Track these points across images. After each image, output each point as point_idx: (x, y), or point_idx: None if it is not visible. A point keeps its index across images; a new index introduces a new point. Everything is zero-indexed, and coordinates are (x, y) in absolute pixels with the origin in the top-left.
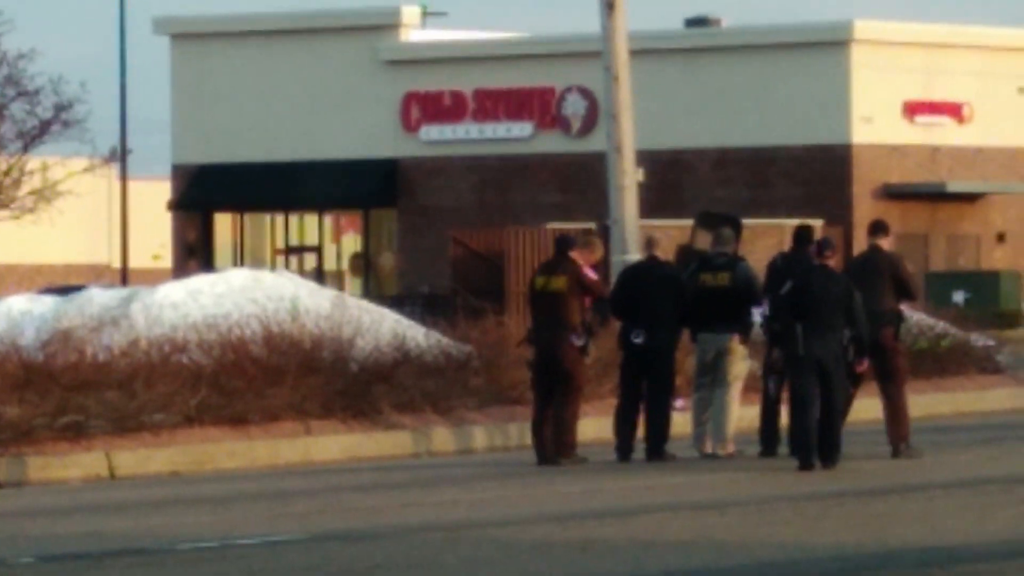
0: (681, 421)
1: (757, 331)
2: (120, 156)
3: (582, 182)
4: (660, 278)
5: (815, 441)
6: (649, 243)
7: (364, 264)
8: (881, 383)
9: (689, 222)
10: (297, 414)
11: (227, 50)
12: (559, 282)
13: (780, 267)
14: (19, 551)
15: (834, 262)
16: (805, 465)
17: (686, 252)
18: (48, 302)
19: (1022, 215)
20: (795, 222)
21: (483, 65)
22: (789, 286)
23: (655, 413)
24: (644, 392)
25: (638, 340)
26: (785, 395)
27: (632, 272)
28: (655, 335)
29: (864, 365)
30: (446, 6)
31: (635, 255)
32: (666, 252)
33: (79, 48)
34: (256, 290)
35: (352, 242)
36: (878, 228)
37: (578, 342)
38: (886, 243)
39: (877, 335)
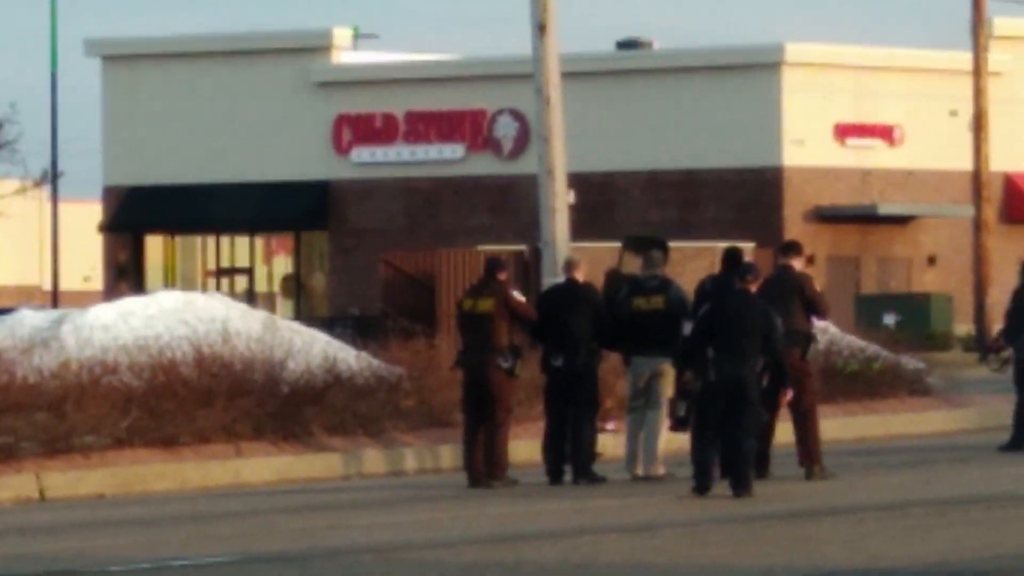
0: (613, 443)
1: None
2: (51, 178)
3: (513, 204)
4: (579, 300)
5: (713, 466)
6: (568, 265)
7: (295, 286)
8: (792, 404)
9: (620, 244)
10: (228, 436)
11: (159, 72)
12: (486, 304)
13: (709, 289)
14: None
15: (756, 287)
16: (699, 488)
17: (614, 276)
18: None
19: (953, 238)
20: (726, 244)
21: (415, 87)
22: (705, 309)
23: (580, 435)
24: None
25: (558, 363)
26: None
27: (551, 294)
28: (575, 357)
29: (788, 395)
30: (378, 28)
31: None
32: (596, 275)
33: (9, 69)
34: (187, 312)
35: (283, 264)
36: (789, 248)
37: (505, 364)
38: (797, 263)
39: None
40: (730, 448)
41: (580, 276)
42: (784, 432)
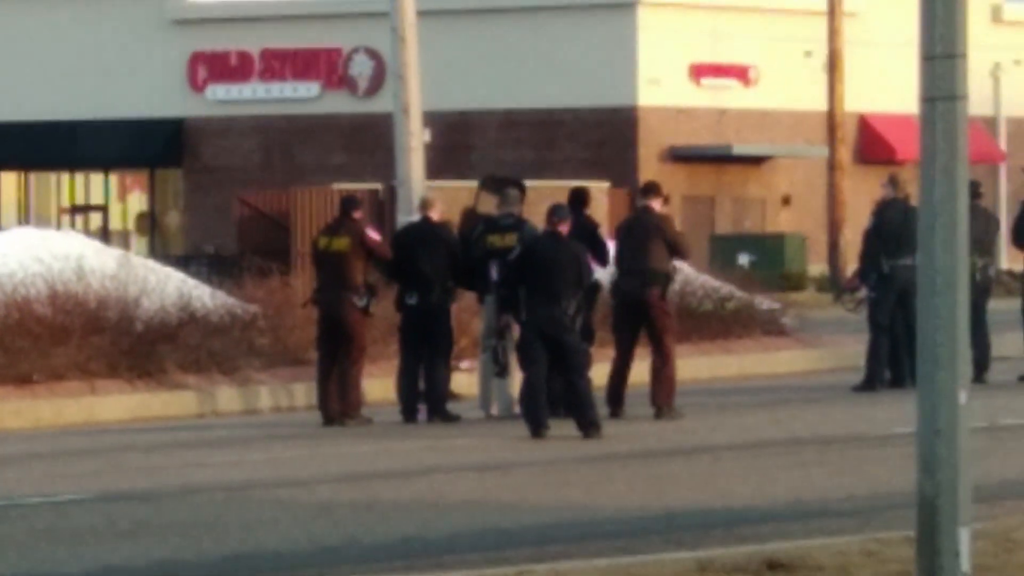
0: (468, 382)
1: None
2: None
3: (369, 143)
4: (434, 239)
5: (541, 408)
6: (423, 204)
7: (150, 224)
8: (651, 343)
9: (476, 183)
10: (82, 374)
11: (12, 8)
12: (341, 243)
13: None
14: None
15: (565, 228)
16: (533, 432)
17: (470, 215)
18: None
19: (807, 178)
20: (582, 184)
21: (270, 25)
22: (517, 251)
23: (434, 374)
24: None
25: (412, 301)
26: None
27: (405, 233)
28: (429, 296)
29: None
30: None
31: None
32: (452, 215)
33: None
34: (41, 249)
35: (138, 201)
36: (649, 189)
37: (360, 303)
38: (657, 204)
39: (644, 295)
40: (567, 391)
41: (435, 215)
42: (639, 372)
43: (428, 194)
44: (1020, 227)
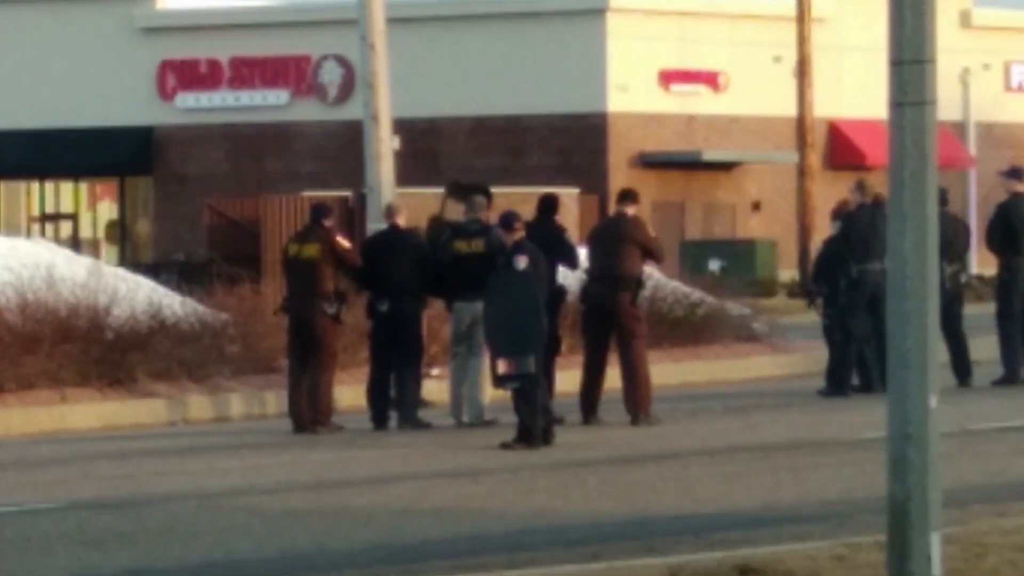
0: (438, 389)
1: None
2: None
3: (338, 150)
4: (402, 246)
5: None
6: (389, 211)
7: (120, 232)
8: (620, 349)
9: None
10: (52, 382)
11: None
12: (311, 250)
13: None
14: None
15: (520, 234)
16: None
17: (437, 222)
18: None
19: (777, 184)
20: (552, 190)
21: (239, 33)
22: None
23: (404, 381)
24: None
25: (383, 308)
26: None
27: (374, 241)
28: (400, 303)
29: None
30: None
31: None
32: (422, 221)
33: None
34: (11, 258)
35: (108, 210)
36: (626, 196)
37: (330, 310)
38: (632, 210)
39: (615, 300)
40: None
41: (402, 221)
42: (613, 378)
43: (393, 201)
44: (994, 231)
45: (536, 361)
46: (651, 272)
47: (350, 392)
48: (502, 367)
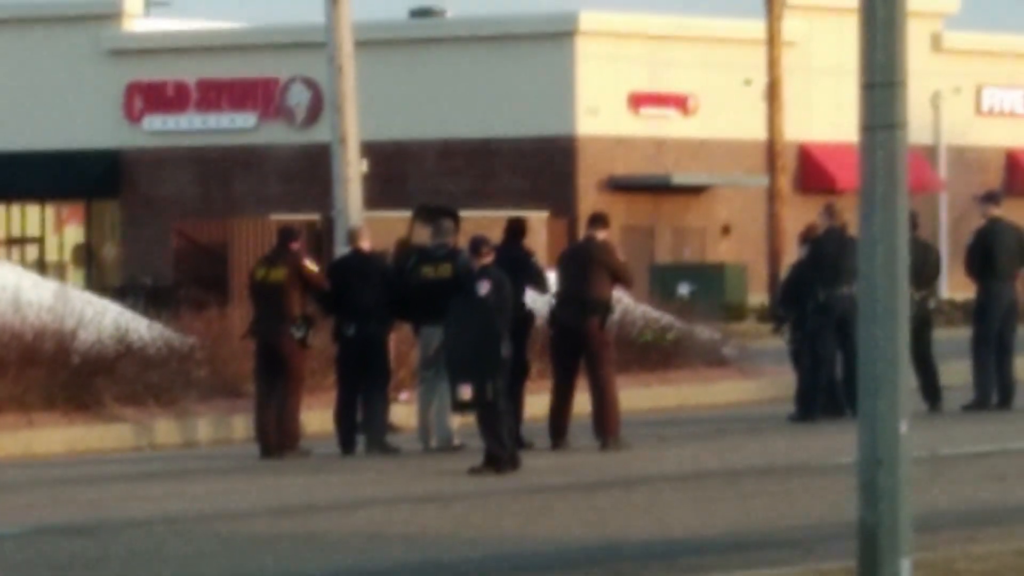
0: (406, 413)
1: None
2: None
3: (306, 173)
4: (366, 269)
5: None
6: (351, 235)
7: (87, 255)
8: (589, 374)
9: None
10: (18, 406)
11: None
12: (279, 273)
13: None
14: None
15: (489, 259)
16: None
17: (404, 246)
18: None
19: (747, 207)
20: (520, 214)
21: (206, 55)
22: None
23: (372, 405)
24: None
25: (349, 333)
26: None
27: (339, 265)
28: (365, 327)
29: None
30: None
31: None
32: (390, 245)
33: None
34: None
35: (74, 233)
36: (596, 220)
37: (297, 334)
38: (602, 235)
39: (584, 324)
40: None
41: (366, 245)
42: (581, 402)
43: (356, 224)
44: (972, 256)
45: (494, 388)
46: (620, 296)
47: (318, 417)
48: (460, 393)
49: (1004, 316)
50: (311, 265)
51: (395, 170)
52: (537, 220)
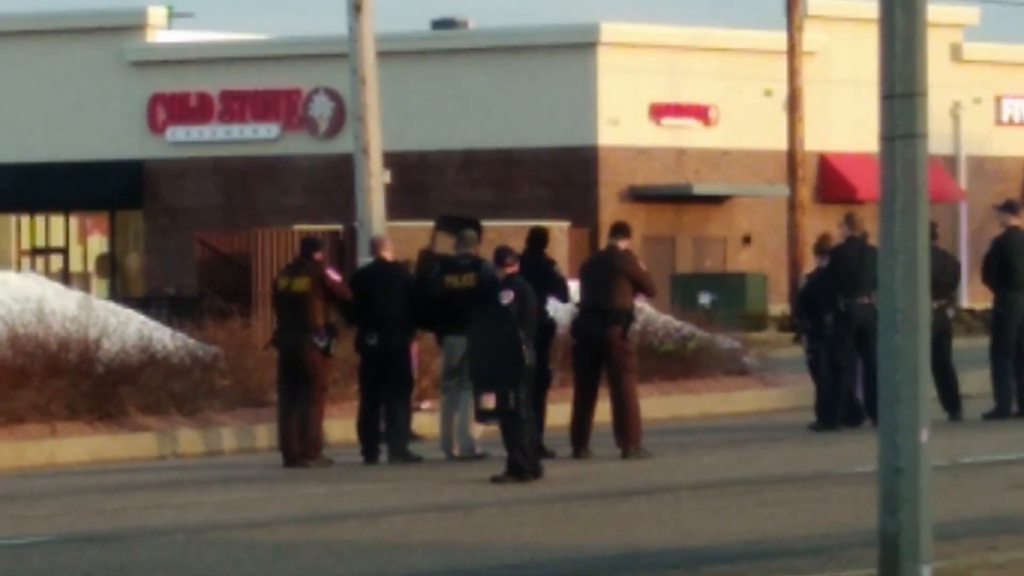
0: (429, 423)
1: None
2: None
3: (329, 184)
4: (389, 279)
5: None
6: (374, 245)
7: (110, 265)
8: (611, 383)
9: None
10: (42, 416)
11: None
12: (302, 283)
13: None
14: None
15: (513, 269)
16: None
17: (427, 256)
18: None
19: (767, 217)
20: (542, 224)
21: (229, 66)
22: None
23: (394, 414)
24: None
25: (372, 342)
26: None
27: (362, 274)
28: (388, 337)
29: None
30: (193, 7)
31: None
32: (412, 254)
33: None
34: (1, 291)
35: (98, 243)
36: (618, 230)
37: (320, 343)
38: (623, 244)
39: (606, 333)
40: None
41: (388, 254)
42: (603, 411)
43: (378, 234)
44: (990, 265)
45: (516, 397)
46: (642, 306)
47: (340, 426)
48: (484, 402)
49: (1022, 325)
50: (334, 275)
51: (417, 180)
52: (558, 230)
